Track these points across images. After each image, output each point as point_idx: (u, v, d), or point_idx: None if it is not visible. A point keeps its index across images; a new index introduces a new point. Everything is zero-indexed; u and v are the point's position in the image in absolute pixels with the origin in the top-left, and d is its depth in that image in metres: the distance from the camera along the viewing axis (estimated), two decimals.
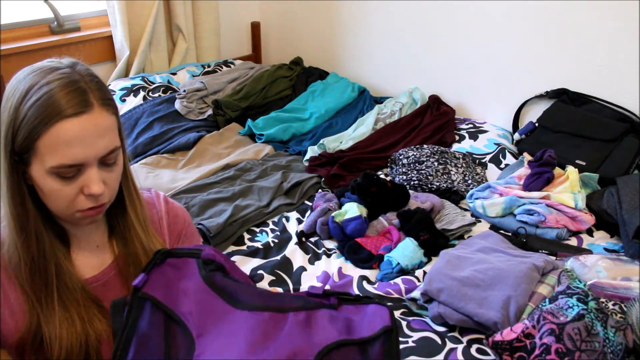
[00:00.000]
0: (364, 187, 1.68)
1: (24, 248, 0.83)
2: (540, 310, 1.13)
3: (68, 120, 0.76)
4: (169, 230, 1.03)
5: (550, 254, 1.49)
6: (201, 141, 2.15)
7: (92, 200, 0.81)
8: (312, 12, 2.89)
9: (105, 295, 0.93)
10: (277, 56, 3.17)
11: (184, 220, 1.06)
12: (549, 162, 1.80)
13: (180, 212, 1.06)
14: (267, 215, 1.73)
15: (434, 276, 1.32)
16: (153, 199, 1.04)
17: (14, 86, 0.79)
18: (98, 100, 0.79)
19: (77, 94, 0.77)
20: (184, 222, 1.06)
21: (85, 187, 0.80)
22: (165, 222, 1.03)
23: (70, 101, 0.76)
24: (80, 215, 0.83)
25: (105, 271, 0.95)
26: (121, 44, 2.44)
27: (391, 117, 2.35)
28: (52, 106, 0.75)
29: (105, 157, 0.81)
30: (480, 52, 2.33)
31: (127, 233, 0.95)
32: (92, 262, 0.94)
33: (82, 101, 0.77)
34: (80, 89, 0.78)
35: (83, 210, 0.82)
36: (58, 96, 0.76)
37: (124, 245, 0.96)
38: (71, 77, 0.78)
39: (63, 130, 0.75)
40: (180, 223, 1.05)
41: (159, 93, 2.42)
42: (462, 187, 1.86)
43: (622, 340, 1.07)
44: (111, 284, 0.95)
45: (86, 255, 0.94)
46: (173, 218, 1.04)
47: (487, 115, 2.40)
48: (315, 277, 1.46)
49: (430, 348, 1.21)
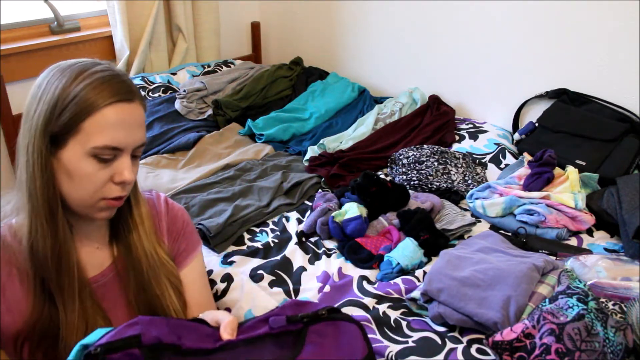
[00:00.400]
0: (364, 187, 1.68)
1: (52, 236, 0.84)
2: (540, 310, 1.13)
3: (119, 105, 0.81)
4: (168, 232, 1.04)
5: (550, 254, 1.49)
6: (201, 141, 2.15)
7: (120, 188, 0.85)
8: (312, 12, 2.89)
9: (103, 297, 0.93)
10: (277, 56, 3.17)
11: (183, 221, 1.07)
12: (549, 162, 1.80)
13: (179, 212, 1.07)
14: (267, 215, 1.73)
15: (434, 276, 1.32)
16: (154, 200, 1.04)
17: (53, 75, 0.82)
18: (138, 95, 0.86)
19: (125, 85, 0.84)
20: (182, 223, 1.06)
21: (117, 175, 0.84)
22: (164, 223, 1.03)
23: (122, 89, 0.82)
24: (104, 204, 0.85)
25: (105, 272, 0.95)
26: (121, 44, 2.44)
27: (391, 117, 2.35)
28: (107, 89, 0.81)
29: (137, 149, 0.87)
30: (480, 52, 2.33)
31: (129, 235, 0.96)
32: (92, 262, 0.94)
33: (129, 91, 0.84)
34: (126, 82, 0.85)
35: (108, 199, 0.85)
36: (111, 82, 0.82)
37: (124, 247, 0.96)
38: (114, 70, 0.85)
39: (114, 112, 0.81)
40: (179, 223, 1.06)
41: (159, 93, 2.42)
42: (462, 187, 1.86)
43: (622, 340, 1.07)
44: (108, 286, 0.95)
45: (87, 255, 0.94)
46: (172, 218, 1.05)
47: (487, 115, 2.40)
48: (315, 277, 1.46)
49: (430, 348, 1.21)
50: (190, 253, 1.07)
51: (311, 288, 1.42)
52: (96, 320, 0.89)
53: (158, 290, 0.97)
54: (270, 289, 1.41)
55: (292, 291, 1.42)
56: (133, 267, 0.95)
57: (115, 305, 0.96)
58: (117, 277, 0.96)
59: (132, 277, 0.95)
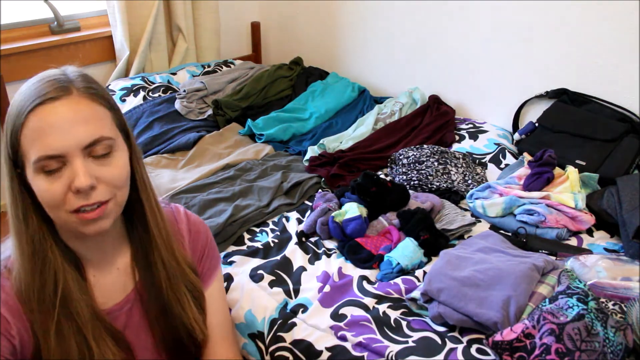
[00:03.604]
0: (364, 187, 1.68)
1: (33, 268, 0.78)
2: (540, 310, 1.13)
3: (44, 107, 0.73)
4: (192, 250, 0.98)
5: (550, 254, 1.49)
6: (201, 141, 2.15)
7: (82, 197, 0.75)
8: (312, 12, 2.89)
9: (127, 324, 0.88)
10: (277, 56, 3.17)
11: (206, 238, 1.01)
12: (549, 162, 1.80)
13: (202, 228, 1.01)
14: (267, 215, 1.73)
15: (434, 276, 1.32)
16: (174, 215, 0.97)
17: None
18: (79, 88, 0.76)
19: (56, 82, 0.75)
20: (205, 240, 1.01)
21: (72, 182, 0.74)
22: (187, 240, 0.97)
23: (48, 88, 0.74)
24: (76, 219, 0.76)
25: (129, 297, 0.89)
26: (121, 44, 2.44)
27: (391, 117, 2.35)
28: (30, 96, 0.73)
29: (91, 148, 0.75)
30: (480, 52, 2.33)
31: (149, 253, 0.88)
32: (114, 287, 0.88)
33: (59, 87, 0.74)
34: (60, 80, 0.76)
35: (78, 213, 0.76)
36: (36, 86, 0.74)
37: (145, 268, 0.89)
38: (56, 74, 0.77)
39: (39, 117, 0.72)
40: (202, 240, 1.00)
41: (159, 93, 2.42)
42: (462, 187, 1.86)
43: (622, 340, 1.07)
44: (132, 311, 0.90)
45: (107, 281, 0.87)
46: (195, 235, 0.99)
47: (487, 115, 2.40)
48: (315, 277, 1.46)
49: (430, 348, 1.21)
50: (212, 272, 1.03)
51: (311, 288, 1.42)
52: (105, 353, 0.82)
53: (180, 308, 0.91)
54: (270, 289, 1.41)
55: (292, 291, 1.42)
56: (153, 286, 0.89)
57: (139, 331, 0.91)
58: (139, 302, 0.91)
59: (153, 298, 0.90)
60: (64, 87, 0.75)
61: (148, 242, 0.88)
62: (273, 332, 1.30)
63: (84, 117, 0.75)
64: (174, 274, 0.90)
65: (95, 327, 0.82)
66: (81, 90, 0.76)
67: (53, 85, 0.74)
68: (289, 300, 1.39)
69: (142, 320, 0.91)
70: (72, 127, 0.73)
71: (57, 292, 0.79)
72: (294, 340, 1.28)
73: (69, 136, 0.73)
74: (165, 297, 0.90)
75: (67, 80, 0.76)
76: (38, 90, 0.74)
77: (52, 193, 0.74)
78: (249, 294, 1.40)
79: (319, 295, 1.38)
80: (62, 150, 0.73)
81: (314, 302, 1.36)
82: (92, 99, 0.77)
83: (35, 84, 0.76)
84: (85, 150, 0.75)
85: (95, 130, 0.75)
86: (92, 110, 0.76)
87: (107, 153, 0.77)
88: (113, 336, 0.85)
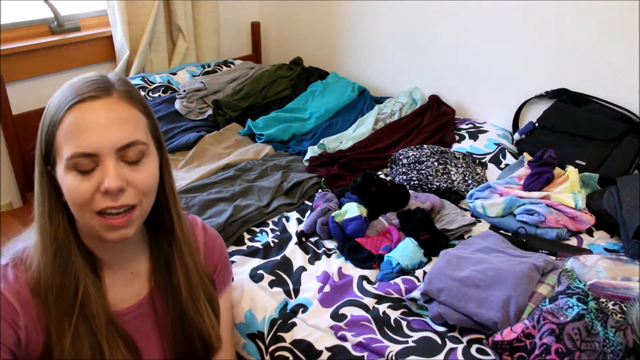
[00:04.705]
0: (364, 187, 1.68)
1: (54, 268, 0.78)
2: (540, 310, 1.13)
3: (83, 104, 0.73)
4: (206, 264, 0.97)
5: (550, 254, 1.49)
6: (201, 141, 2.15)
7: (110, 198, 0.75)
8: (312, 12, 2.89)
9: (137, 329, 0.88)
10: (277, 56, 3.17)
11: (221, 253, 1.01)
12: (549, 162, 1.80)
13: (217, 242, 1.01)
14: (267, 215, 1.73)
15: (434, 276, 1.32)
16: (192, 226, 0.97)
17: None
18: (119, 91, 0.77)
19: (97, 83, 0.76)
20: (220, 255, 1.01)
21: (101, 183, 0.74)
22: (202, 253, 0.97)
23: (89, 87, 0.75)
24: (101, 222, 0.76)
25: (142, 302, 0.89)
26: (121, 44, 2.45)
27: (391, 117, 2.35)
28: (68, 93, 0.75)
29: (125, 151, 0.75)
30: (480, 52, 2.33)
31: (172, 261, 0.88)
32: (127, 291, 0.88)
33: (100, 87, 0.75)
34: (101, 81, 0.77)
35: (104, 216, 0.75)
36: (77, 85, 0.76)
37: (167, 274, 0.88)
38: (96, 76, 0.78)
39: (77, 114, 0.73)
40: (217, 256, 1.00)
41: (159, 93, 2.42)
42: (462, 187, 1.86)
43: (622, 340, 1.07)
44: (144, 317, 0.89)
45: (121, 285, 0.87)
46: (210, 250, 0.99)
47: (487, 115, 2.40)
48: (315, 277, 1.46)
49: (430, 348, 1.21)
50: (224, 286, 1.03)
51: (311, 288, 1.42)
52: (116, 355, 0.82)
53: (198, 316, 0.91)
54: (270, 289, 1.41)
55: (292, 291, 1.42)
56: (172, 293, 0.89)
57: (149, 336, 0.91)
58: (152, 307, 0.90)
59: (170, 305, 0.89)
60: (104, 87, 0.76)
61: (171, 249, 0.88)
62: (273, 332, 1.30)
63: (121, 119, 0.75)
64: (195, 282, 0.90)
65: (109, 331, 0.82)
66: (121, 93, 0.77)
67: (93, 84, 0.76)
68: (289, 300, 1.39)
69: (154, 326, 0.91)
70: (109, 128, 0.74)
71: (78, 294, 0.79)
72: (294, 340, 1.28)
73: (105, 136, 0.73)
74: (184, 304, 0.89)
75: (107, 81, 0.77)
76: (78, 88, 0.75)
77: (80, 191, 0.74)
78: (249, 294, 1.40)
79: (319, 295, 1.38)
80: (96, 149, 0.73)
81: (314, 302, 1.36)
82: (131, 102, 0.77)
83: (75, 83, 0.77)
84: (119, 153, 0.75)
85: (130, 133, 0.76)
86: (130, 113, 0.77)
87: (139, 159, 0.78)
88: (124, 340, 0.84)
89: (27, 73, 2.24)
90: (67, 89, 0.76)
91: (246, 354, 1.34)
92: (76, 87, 0.75)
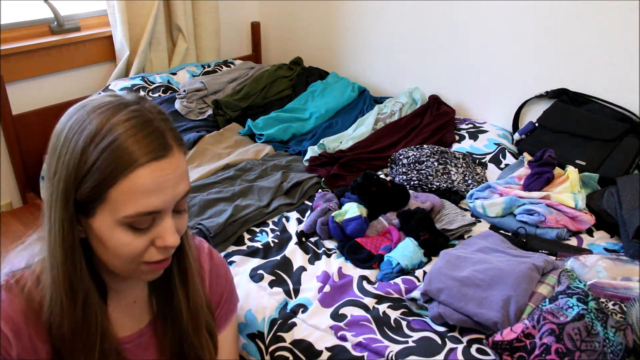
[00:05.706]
0: (364, 187, 1.68)
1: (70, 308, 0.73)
2: (540, 310, 1.13)
3: (147, 166, 0.67)
4: (211, 292, 0.95)
5: (550, 254, 1.49)
6: (201, 141, 2.15)
7: (164, 252, 0.73)
8: (312, 12, 2.89)
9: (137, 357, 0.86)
10: (277, 56, 3.17)
11: (226, 281, 0.98)
12: (549, 162, 1.80)
13: (222, 270, 0.98)
14: (267, 215, 1.73)
15: (434, 276, 1.32)
16: (198, 251, 0.93)
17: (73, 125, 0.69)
18: (175, 142, 0.71)
19: (154, 137, 0.69)
20: (225, 283, 0.98)
21: (159, 239, 0.71)
22: (207, 280, 0.94)
23: (149, 145, 0.68)
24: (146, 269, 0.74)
25: (143, 330, 0.87)
26: (121, 44, 2.44)
27: (391, 117, 2.35)
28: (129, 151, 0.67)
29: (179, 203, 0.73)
30: (480, 52, 2.33)
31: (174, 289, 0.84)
32: (128, 319, 0.86)
33: (160, 145, 0.69)
34: (158, 131, 0.69)
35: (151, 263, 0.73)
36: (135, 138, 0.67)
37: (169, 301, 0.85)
38: (144, 116, 0.69)
39: (142, 176, 0.67)
40: (222, 285, 0.97)
41: (159, 93, 2.42)
42: (462, 187, 1.86)
43: (622, 340, 1.07)
44: (145, 345, 0.87)
45: (123, 312, 0.85)
46: (215, 278, 0.96)
47: (487, 115, 2.40)
48: (315, 277, 1.46)
49: (430, 348, 1.21)
50: (229, 316, 1.01)
51: (311, 288, 1.42)
52: None
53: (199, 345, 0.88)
54: (270, 289, 1.41)
55: (292, 291, 1.42)
56: (173, 320, 0.86)
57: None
58: (154, 335, 0.88)
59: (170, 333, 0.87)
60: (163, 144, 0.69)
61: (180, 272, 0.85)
62: (273, 332, 1.30)
63: (182, 174, 0.72)
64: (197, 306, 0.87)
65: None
66: (177, 145, 0.72)
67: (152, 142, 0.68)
68: (289, 300, 1.39)
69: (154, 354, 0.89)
70: (177, 184, 0.71)
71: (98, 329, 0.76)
72: (294, 340, 1.28)
73: (171, 195, 0.70)
74: (185, 327, 0.86)
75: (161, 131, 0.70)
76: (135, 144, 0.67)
77: (133, 248, 0.71)
78: (249, 294, 1.40)
79: (319, 295, 1.38)
80: (162, 208, 0.70)
81: (314, 302, 1.36)
82: (184, 151, 0.74)
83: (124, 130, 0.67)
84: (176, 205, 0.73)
85: (187, 183, 0.73)
86: (185, 164, 0.74)
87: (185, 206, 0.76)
88: None
89: (27, 73, 2.24)
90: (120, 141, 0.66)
91: (246, 354, 1.34)
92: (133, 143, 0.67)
